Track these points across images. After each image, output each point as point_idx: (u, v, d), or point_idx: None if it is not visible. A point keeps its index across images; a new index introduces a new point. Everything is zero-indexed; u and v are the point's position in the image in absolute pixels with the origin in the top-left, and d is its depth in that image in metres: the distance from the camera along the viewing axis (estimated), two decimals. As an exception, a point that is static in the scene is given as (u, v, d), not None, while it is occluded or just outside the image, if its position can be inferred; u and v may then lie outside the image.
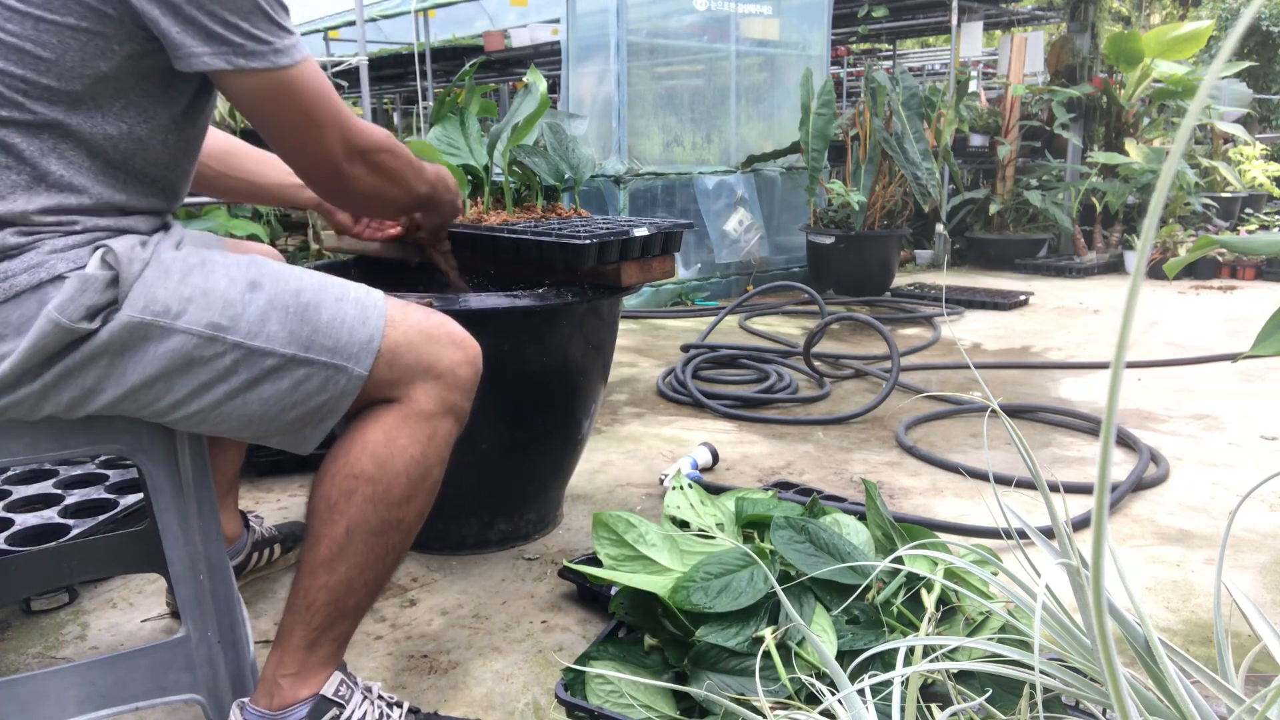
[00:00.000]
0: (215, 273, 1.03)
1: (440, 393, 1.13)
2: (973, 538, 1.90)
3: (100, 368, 0.98)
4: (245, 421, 1.06)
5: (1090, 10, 6.63)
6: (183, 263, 1.03)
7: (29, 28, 0.93)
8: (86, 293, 0.95)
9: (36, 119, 0.96)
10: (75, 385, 0.98)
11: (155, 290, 0.99)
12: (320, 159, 1.11)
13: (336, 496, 1.09)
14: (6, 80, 0.94)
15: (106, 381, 0.99)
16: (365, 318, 1.09)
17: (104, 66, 0.97)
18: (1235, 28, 0.46)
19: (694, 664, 1.22)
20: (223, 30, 0.97)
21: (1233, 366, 3.37)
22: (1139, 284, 0.48)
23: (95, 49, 0.96)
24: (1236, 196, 6.70)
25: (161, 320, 0.99)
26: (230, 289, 1.03)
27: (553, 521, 2.00)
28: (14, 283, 0.94)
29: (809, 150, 4.89)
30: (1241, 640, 1.50)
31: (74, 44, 0.94)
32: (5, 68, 0.94)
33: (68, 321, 0.94)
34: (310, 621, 1.10)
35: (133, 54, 0.98)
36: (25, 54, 0.94)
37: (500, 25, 7.37)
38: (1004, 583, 1.01)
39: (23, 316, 0.94)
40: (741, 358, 3.50)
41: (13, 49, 0.93)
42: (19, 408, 0.99)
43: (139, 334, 0.98)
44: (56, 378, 0.97)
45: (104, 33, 0.95)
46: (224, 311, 1.01)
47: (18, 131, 0.95)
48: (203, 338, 1.00)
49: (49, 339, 0.94)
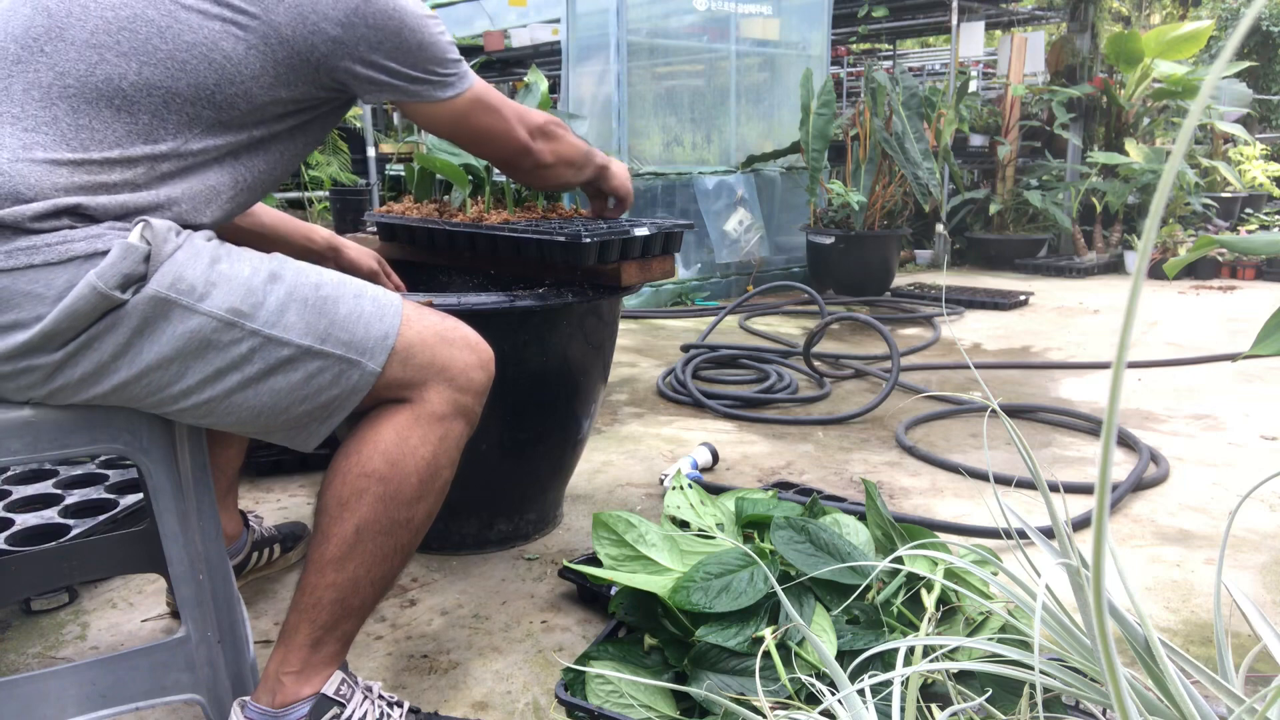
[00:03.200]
0: (240, 262, 1.05)
1: (453, 395, 1.13)
2: (973, 538, 1.90)
3: (118, 341, 0.99)
4: (254, 414, 1.07)
5: (1090, 10, 6.63)
6: (212, 250, 1.05)
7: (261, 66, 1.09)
8: (126, 260, 0.97)
9: (204, 121, 1.08)
10: (91, 358, 0.99)
11: (183, 270, 1.00)
12: (516, 148, 1.36)
13: (347, 495, 1.10)
14: (248, 104, 1.10)
15: (121, 359, 0.99)
16: (382, 315, 1.10)
17: (284, 93, 1.13)
18: (1237, 30, 0.46)
19: (694, 664, 1.22)
20: (421, 75, 1.20)
21: (1233, 366, 3.37)
22: (1140, 284, 0.48)
23: (284, 79, 1.12)
24: (1236, 196, 6.70)
25: (185, 299, 1.00)
26: (253, 278, 1.05)
27: (553, 521, 2.00)
28: (71, 248, 0.97)
29: (809, 150, 4.89)
30: (1241, 640, 1.50)
31: (271, 71, 1.10)
32: (205, 74, 1.06)
33: (104, 286, 0.95)
34: (316, 619, 1.11)
35: (307, 93, 1.16)
36: (230, 63, 1.07)
37: (500, 25, 7.36)
38: (1004, 583, 1.01)
39: (68, 282, 0.96)
40: (741, 358, 3.50)
41: (220, 60, 1.06)
42: (32, 374, 0.98)
43: (161, 310, 0.99)
44: (78, 347, 0.98)
45: (297, 69, 1.12)
46: (245, 298, 1.03)
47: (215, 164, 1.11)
48: (222, 322, 1.01)
49: (85, 303, 0.95)
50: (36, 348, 0.97)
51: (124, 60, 1.02)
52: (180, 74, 1.04)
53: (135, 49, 1.02)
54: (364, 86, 1.17)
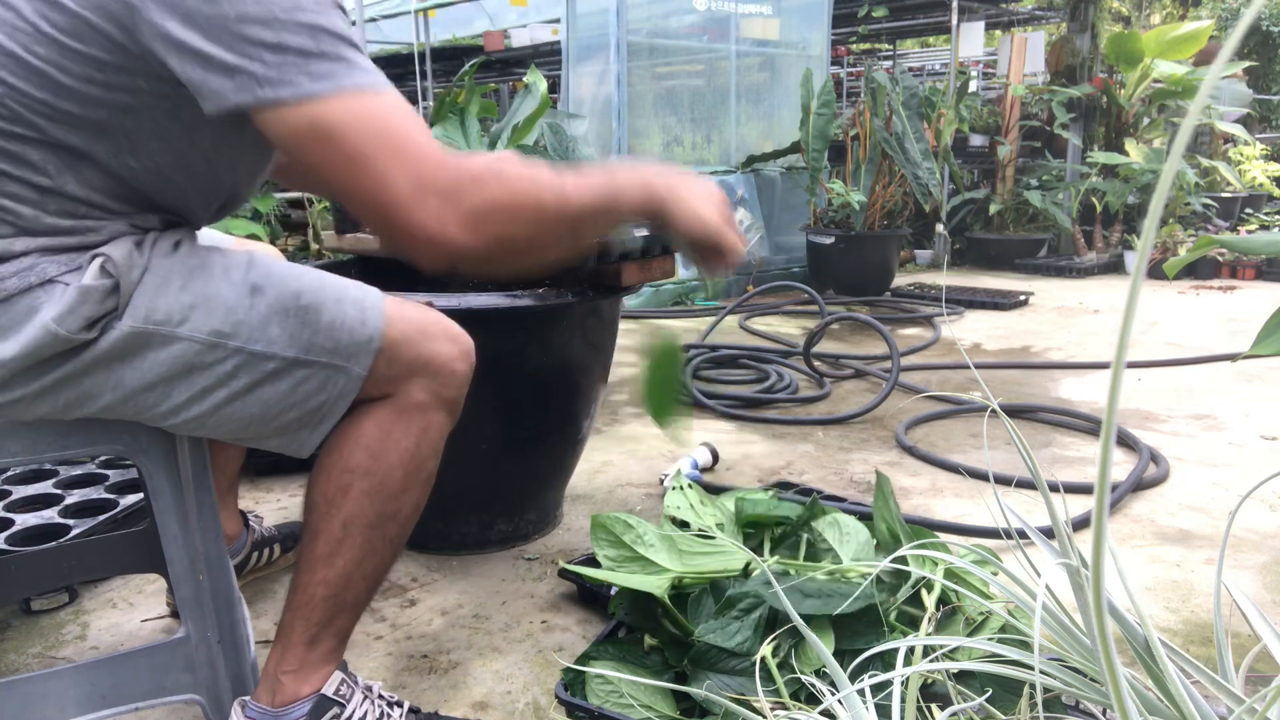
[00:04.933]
0: (216, 278, 1.02)
1: (434, 386, 1.13)
2: (973, 538, 1.89)
3: (98, 375, 0.98)
4: (244, 424, 1.07)
5: (1090, 10, 6.63)
6: (183, 266, 1.02)
7: (54, 53, 0.91)
8: (86, 304, 0.94)
9: (55, 142, 0.94)
10: (72, 390, 0.98)
11: (156, 299, 0.98)
12: (389, 200, 0.96)
13: (333, 491, 1.10)
14: (26, 101, 0.92)
15: (104, 387, 0.99)
16: (364, 319, 1.09)
17: (128, 99, 0.94)
18: (1236, 29, 0.46)
19: (694, 664, 1.22)
20: (237, 58, 0.88)
21: (1233, 366, 3.37)
22: (1139, 284, 0.48)
23: (120, 83, 0.93)
24: (1236, 196, 6.70)
25: (163, 329, 0.98)
26: (231, 294, 1.02)
27: (553, 521, 2.00)
28: (3, 286, 0.93)
29: (809, 150, 4.89)
30: (1241, 640, 1.50)
31: (99, 76, 0.92)
32: (28, 90, 0.91)
33: (65, 333, 0.93)
34: (310, 617, 1.11)
35: (158, 92, 0.94)
36: (48, 78, 0.91)
37: (500, 25, 7.36)
38: (1004, 583, 1.01)
39: (11, 320, 0.94)
40: (741, 358, 3.50)
41: (35, 71, 0.91)
42: (14, 408, 0.99)
43: (140, 342, 0.98)
44: (54, 382, 0.97)
45: (127, 67, 0.92)
46: (226, 318, 1.01)
47: (36, 148, 0.94)
48: (204, 344, 1.00)
49: (45, 348, 0.94)
50: (5, 385, 0.96)
51: None
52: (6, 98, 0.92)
53: None
54: (192, 88, 0.90)
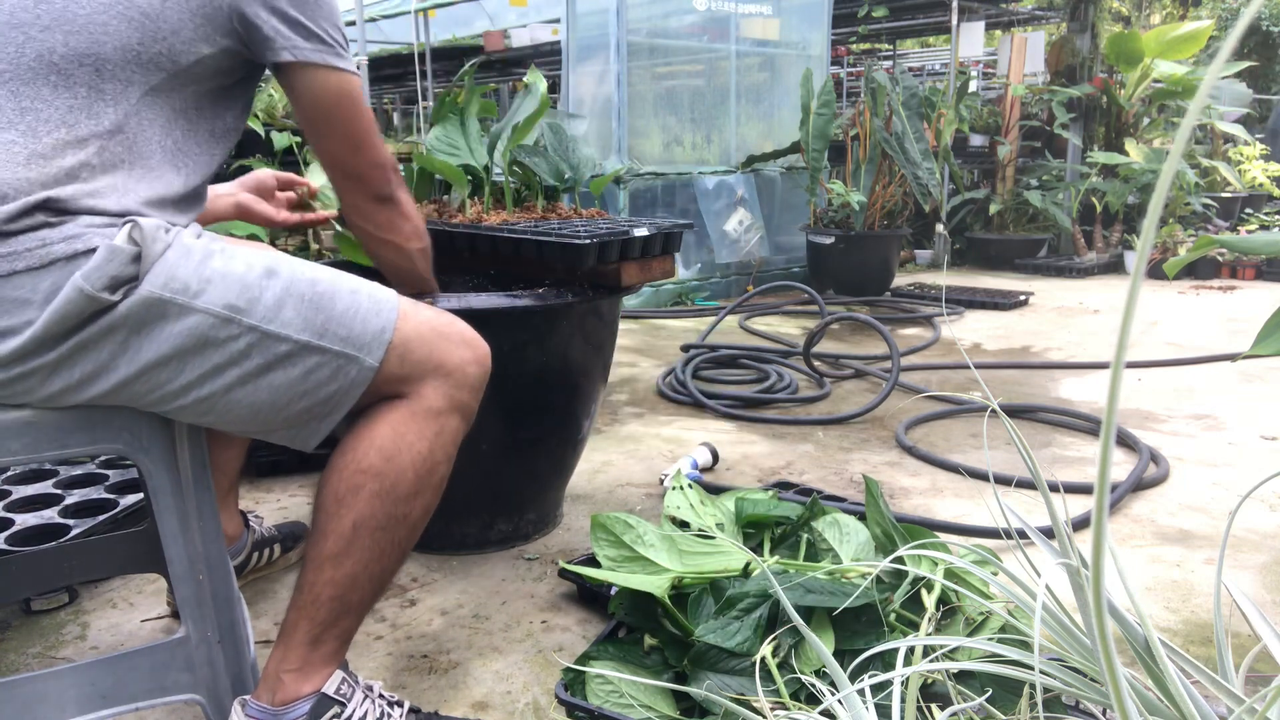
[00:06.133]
0: (234, 258, 1.05)
1: (449, 390, 1.14)
2: (973, 538, 1.90)
3: (115, 342, 0.99)
4: (253, 411, 1.07)
5: (1090, 10, 6.63)
6: (203, 247, 1.04)
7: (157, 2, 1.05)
8: (112, 263, 0.96)
9: (139, 87, 1.04)
10: (90, 359, 0.99)
11: (176, 269, 1.00)
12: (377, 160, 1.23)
13: (344, 491, 1.10)
14: (125, 49, 1.03)
15: (120, 358, 1.00)
16: (378, 310, 1.10)
17: (206, 49, 1.07)
18: (1235, 28, 0.46)
19: (694, 664, 1.22)
20: (319, 31, 1.12)
21: (1233, 366, 3.37)
22: (1139, 284, 0.48)
23: (203, 33, 1.06)
24: (1236, 196, 6.69)
25: (180, 298, 1.00)
26: (248, 273, 1.04)
27: (553, 521, 2.00)
28: (51, 250, 0.97)
29: (809, 150, 4.89)
30: (1241, 640, 1.50)
31: (190, 23, 1.05)
32: (128, 34, 1.02)
33: (91, 289, 0.95)
34: (315, 616, 1.11)
35: (225, 49, 1.09)
36: (149, 19, 1.03)
37: (500, 25, 7.35)
38: (1004, 583, 1.01)
39: (54, 285, 0.96)
40: (741, 358, 3.50)
41: (139, 16, 1.03)
42: (31, 378, 0.99)
43: (157, 310, 0.99)
44: (73, 349, 0.98)
45: (211, 18, 1.06)
46: (241, 294, 1.03)
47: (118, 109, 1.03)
48: (219, 318, 1.01)
49: (73, 305, 0.95)
50: (30, 352, 0.97)
51: (48, 34, 1.01)
52: (104, 37, 1.02)
53: (56, 19, 1.01)
54: (260, 39, 1.09)
